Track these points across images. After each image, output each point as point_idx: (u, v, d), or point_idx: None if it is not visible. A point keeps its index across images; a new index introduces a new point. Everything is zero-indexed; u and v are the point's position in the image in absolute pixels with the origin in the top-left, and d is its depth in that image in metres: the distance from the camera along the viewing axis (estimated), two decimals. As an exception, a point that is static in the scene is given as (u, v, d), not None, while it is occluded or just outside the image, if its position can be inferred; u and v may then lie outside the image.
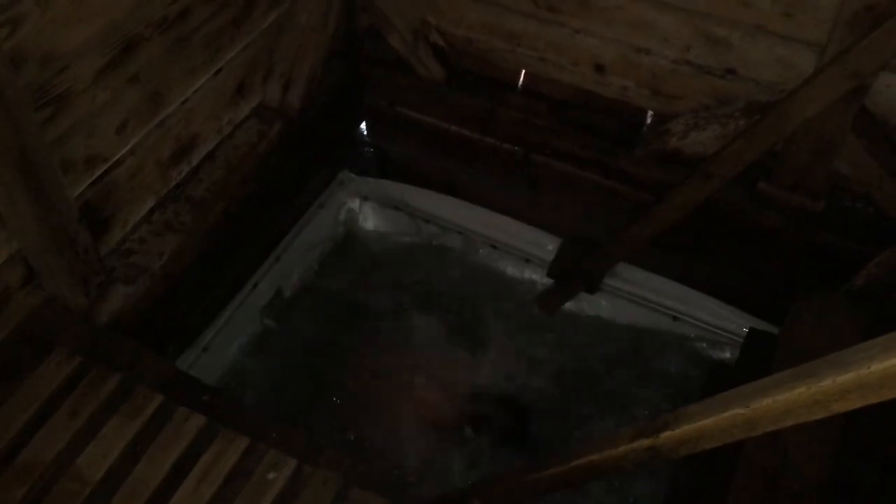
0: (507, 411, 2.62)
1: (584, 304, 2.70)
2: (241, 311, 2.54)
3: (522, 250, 2.73)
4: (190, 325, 2.34)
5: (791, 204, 2.13)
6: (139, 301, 1.98)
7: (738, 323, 2.44)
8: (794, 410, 0.98)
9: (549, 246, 2.63)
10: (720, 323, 2.50)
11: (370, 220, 3.02)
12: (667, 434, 1.17)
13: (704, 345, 2.58)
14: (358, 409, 2.58)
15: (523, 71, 2.44)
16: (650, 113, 2.31)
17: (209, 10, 2.03)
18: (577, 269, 2.51)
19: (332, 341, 2.75)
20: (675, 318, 2.60)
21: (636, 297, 2.60)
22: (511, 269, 2.82)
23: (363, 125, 2.82)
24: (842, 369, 0.91)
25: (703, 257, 2.39)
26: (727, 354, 2.50)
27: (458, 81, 2.49)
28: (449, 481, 2.40)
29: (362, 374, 2.66)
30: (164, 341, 2.16)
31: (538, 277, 2.73)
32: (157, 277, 2.02)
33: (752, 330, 2.31)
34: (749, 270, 2.32)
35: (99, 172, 1.89)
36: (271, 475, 1.54)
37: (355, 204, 2.97)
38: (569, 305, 2.71)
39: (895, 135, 1.96)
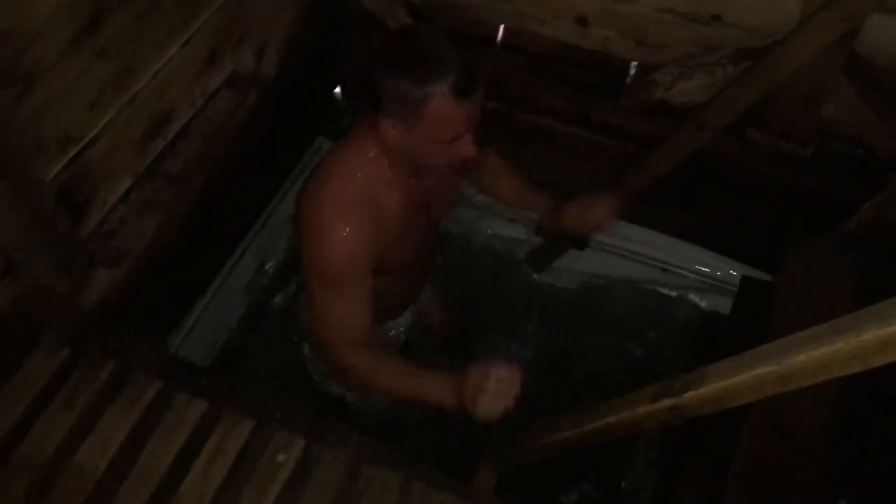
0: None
1: (573, 261, 2.68)
2: (225, 287, 2.48)
3: (507, 211, 2.69)
4: (176, 304, 2.28)
5: (781, 150, 2.11)
6: (124, 284, 1.91)
7: (730, 271, 2.44)
8: (831, 365, 0.97)
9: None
10: (711, 272, 2.50)
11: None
12: (691, 394, 1.16)
13: (696, 295, 2.58)
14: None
15: (502, 26, 2.38)
16: (634, 64, 2.27)
17: (172, -21, 1.93)
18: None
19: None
20: (664, 270, 2.59)
21: (626, 251, 2.58)
22: (497, 230, 2.78)
23: (338, 90, 2.75)
24: (882, 323, 0.89)
25: (693, 208, 2.38)
26: (720, 303, 2.50)
27: (436, 39, 2.42)
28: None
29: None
30: (150, 323, 2.10)
31: (526, 236, 2.70)
32: (141, 259, 1.94)
33: (744, 278, 2.31)
34: (740, 219, 2.31)
35: (73, 153, 1.80)
36: (280, 457, 1.51)
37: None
38: (558, 262, 2.69)
39: (883, 76, 1.94)
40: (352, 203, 1.52)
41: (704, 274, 2.52)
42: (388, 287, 1.76)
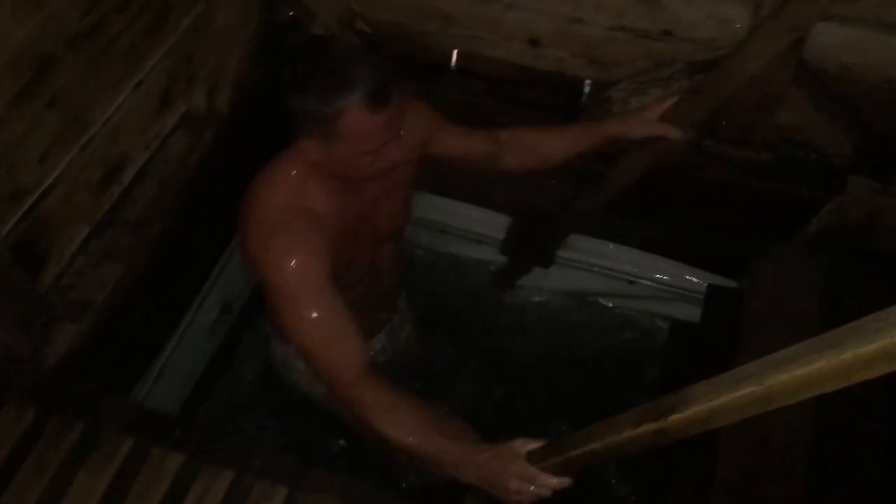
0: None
1: (539, 279, 2.69)
2: (191, 330, 2.42)
3: (473, 232, 2.69)
4: (142, 352, 2.22)
5: (738, 158, 2.14)
6: (87, 338, 1.86)
7: (695, 280, 2.47)
8: (814, 384, 0.97)
9: (500, 225, 2.60)
10: (677, 282, 2.52)
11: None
12: (675, 417, 1.15)
13: (663, 305, 2.60)
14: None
15: (455, 51, 2.38)
16: (587, 82, 2.29)
17: (124, 20, 1.89)
18: (530, 245, 2.49)
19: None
20: (630, 282, 2.61)
21: (591, 265, 2.60)
22: (463, 252, 2.78)
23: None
24: (865, 340, 0.90)
25: (656, 220, 2.40)
26: (687, 312, 2.52)
27: (391, 68, 2.41)
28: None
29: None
30: (117, 375, 2.04)
31: (492, 257, 2.70)
32: (103, 310, 1.89)
33: (710, 286, 2.33)
34: (702, 228, 2.34)
35: (27, 206, 1.75)
36: (263, 507, 1.47)
37: (293, 203, 2.87)
38: (524, 281, 2.69)
39: (832, 82, 1.98)
40: (286, 209, 1.49)
41: (670, 284, 2.54)
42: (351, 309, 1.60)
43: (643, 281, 2.57)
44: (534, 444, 1.30)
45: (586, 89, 2.31)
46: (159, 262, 2.09)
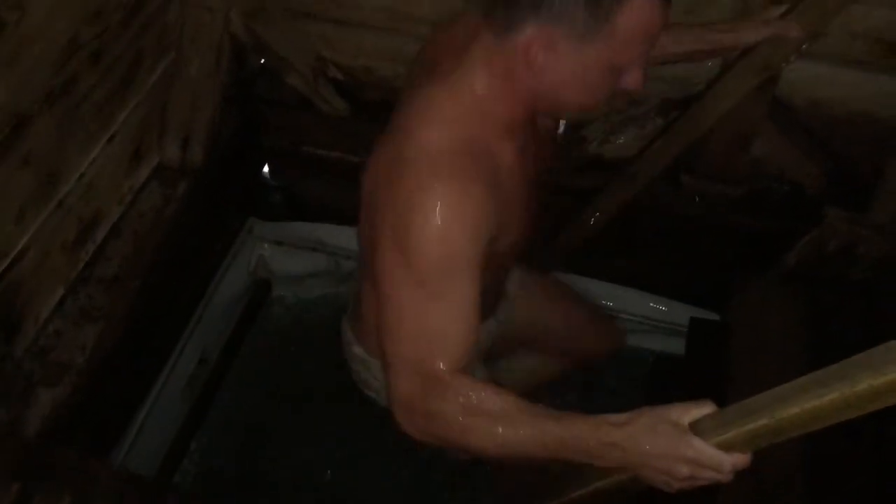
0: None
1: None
2: (168, 385, 2.36)
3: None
4: (122, 412, 2.15)
5: (715, 193, 2.18)
6: (67, 402, 1.79)
7: (675, 313, 2.48)
8: (825, 416, 0.97)
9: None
10: (657, 315, 2.53)
11: (285, 263, 2.88)
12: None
13: (645, 338, 2.60)
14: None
15: (429, 94, 2.39)
16: (562, 122, 2.30)
17: (96, 75, 1.86)
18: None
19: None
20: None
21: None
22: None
23: (266, 169, 2.69)
24: (877, 373, 0.90)
25: (634, 255, 2.42)
26: (669, 344, 2.54)
27: (366, 113, 2.41)
28: None
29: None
30: (98, 436, 1.98)
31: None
32: (82, 372, 1.83)
33: (693, 319, 2.35)
34: (681, 262, 2.36)
35: (2, 270, 1.70)
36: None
37: (267, 251, 2.83)
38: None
39: (804, 116, 2.03)
40: (464, 155, 1.08)
41: (651, 317, 2.55)
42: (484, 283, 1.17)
43: (623, 315, 2.57)
44: (697, 411, 0.99)
45: (560, 130, 2.33)
46: (139, 319, 2.03)
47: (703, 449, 0.96)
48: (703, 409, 0.99)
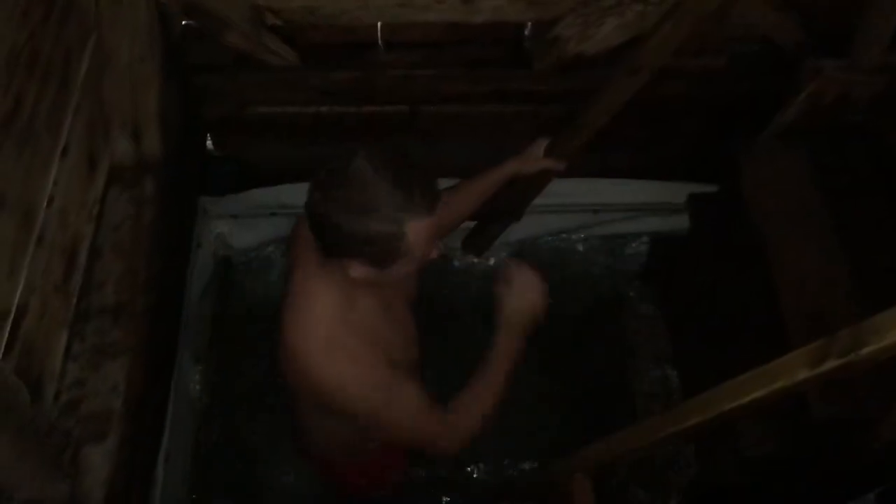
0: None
1: (506, 233, 2.62)
2: (179, 403, 2.19)
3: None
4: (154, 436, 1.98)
5: (696, 69, 2.15)
6: (120, 453, 1.61)
7: (667, 193, 2.48)
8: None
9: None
10: (646, 198, 2.53)
11: (244, 237, 2.68)
12: (869, 349, 1.14)
13: (634, 224, 2.62)
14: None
15: (379, 24, 2.20)
16: (529, 25, 2.20)
17: (36, 87, 1.59)
18: (504, 204, 2.41)
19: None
20: (595, 212, 2.61)
21: (557, 206, 2.55)
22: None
23: (209, 142, 2.45)
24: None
25: (621, 146, 2.39)
26: (662, 225, 2.56)
27: (315, 59, 2.21)
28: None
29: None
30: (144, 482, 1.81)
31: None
32: (125, 416, 1.64)
33: (692, 195, 2.36)
34: (670, 144, 2.35)
35: (8, 330, 1.46)
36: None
37: (225, 227, 2.62)
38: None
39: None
40: (341, 324, 1.46)
41: (639, 203, 2.55)
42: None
43: (610, 207, 2.57)
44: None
45: (526, 32, 2.22)
46: (158, 338, 1.85)
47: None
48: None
